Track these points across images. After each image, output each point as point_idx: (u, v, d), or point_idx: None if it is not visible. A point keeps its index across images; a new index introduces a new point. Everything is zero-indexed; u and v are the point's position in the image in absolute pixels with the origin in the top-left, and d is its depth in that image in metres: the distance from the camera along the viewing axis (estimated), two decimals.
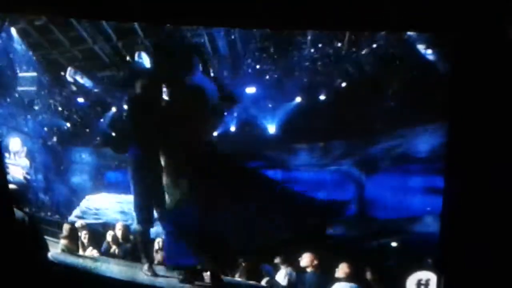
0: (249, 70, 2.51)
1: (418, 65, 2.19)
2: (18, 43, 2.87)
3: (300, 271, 2.64)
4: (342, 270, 2.52)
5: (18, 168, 3.18)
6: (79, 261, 3.06)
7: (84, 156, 3.14)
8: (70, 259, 3.08)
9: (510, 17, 1.72)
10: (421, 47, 2.16)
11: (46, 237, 3.09)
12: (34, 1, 2.41)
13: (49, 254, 3.05)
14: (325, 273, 2.57)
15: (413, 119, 2.31)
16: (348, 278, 2.51)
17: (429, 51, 2.14)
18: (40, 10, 2.54)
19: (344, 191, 2.60)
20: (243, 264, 2.77)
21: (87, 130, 3.01)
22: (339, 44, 2.31)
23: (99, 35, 2.68)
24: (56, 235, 3.13)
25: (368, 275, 2.51)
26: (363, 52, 2.28)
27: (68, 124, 3.06)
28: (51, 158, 3.20)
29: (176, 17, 2.29)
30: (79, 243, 3.13)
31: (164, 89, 2.68)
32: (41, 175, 3.23)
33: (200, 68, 2.58)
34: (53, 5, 2.36)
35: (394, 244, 2.49)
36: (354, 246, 2.57)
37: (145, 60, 2.68)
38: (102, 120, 2.97)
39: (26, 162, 3.19)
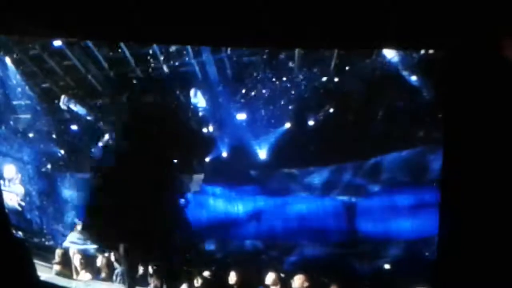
0: (238, 97, 2.55)
1: (406, 88, 2.21)
2: (12, 72, 2.93)
3: None
4: None
5: (12, 195, 3.19)
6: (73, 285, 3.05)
7: (77, 182, 3.15)
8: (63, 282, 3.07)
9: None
10: (409, 68, 2.18)
11: (39, 261, 3.07)
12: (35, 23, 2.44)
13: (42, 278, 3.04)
14: None
15: (402, 144, 2.34)
16: None
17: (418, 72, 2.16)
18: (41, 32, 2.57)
19: (336, 215, 2.61)
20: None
21: (81, 156, 3.03)
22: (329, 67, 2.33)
23: (91, 64, 2.73)
24: (49, 260, 3.13)
25: None
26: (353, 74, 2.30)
27: (62, 151, 3.08)
28: (45, 185, 3.22)
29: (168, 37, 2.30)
30: (72, 267, 3.12)
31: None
32: (35, 201, 3.24)
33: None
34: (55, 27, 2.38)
35: (387, 265, 2.49)
36: (345, 267, 2.57)
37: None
38: (95, 146, 2.99)
39: (20, 189, 3.21)
